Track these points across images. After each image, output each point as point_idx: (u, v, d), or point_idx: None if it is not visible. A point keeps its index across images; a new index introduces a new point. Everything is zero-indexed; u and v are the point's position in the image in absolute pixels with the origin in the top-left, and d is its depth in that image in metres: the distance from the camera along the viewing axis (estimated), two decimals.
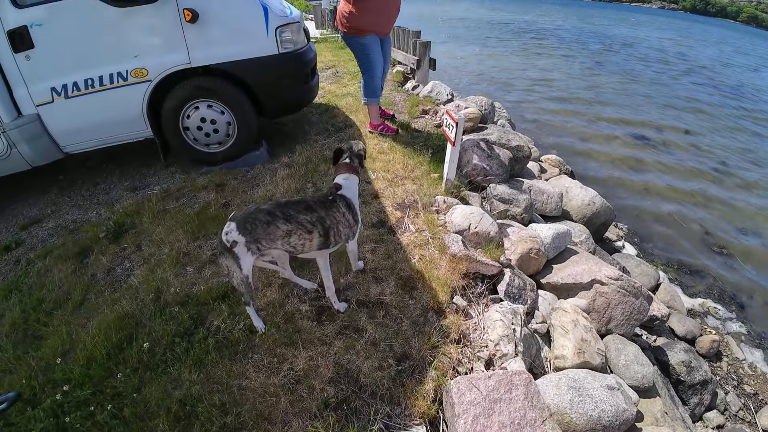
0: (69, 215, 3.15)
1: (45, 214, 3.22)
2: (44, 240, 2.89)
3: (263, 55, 3.06)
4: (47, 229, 3.02)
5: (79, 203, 3.31)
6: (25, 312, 2.19)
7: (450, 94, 4.85)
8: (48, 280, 2.40)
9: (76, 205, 3.29)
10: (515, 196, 3.01)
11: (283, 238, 1.65)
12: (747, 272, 4.36)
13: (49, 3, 2.74)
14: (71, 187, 3.55)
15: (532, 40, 20.91)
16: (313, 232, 1.70)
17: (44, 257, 2.63)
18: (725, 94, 12.11)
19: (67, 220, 3.09)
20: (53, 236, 2.92)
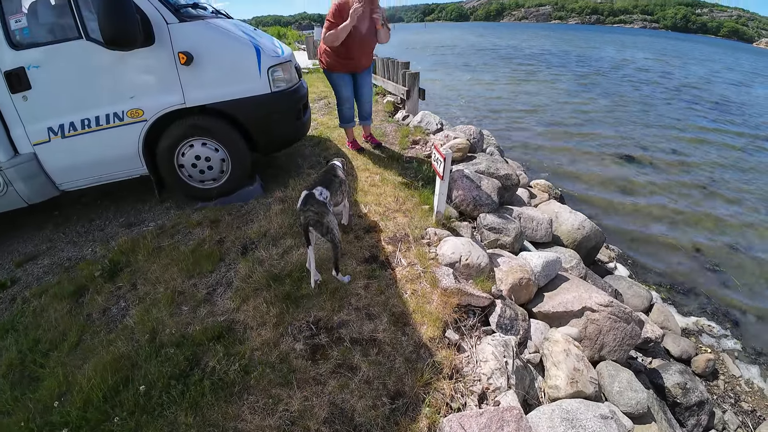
0: (64, 252, 3.17)
1: (40, 250, 3.23)
2: (39, 278, 2.90)
3: (256, 94, 3.15)
4: (42, 266, 3.03)
5: (74, 240, 3.33)
6: (22, 352, 2.19)
7: (439, 123, 4.97)
8: (44, 320, 2.41)
9: (71, 242, 3.30)
10: (505, 225, 3.07)
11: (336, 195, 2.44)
12: (740, 288, 4.40)
13: (46, 45, 2.82)
14: (66, 223, 3.58)
15: (519, 65, 21.53)
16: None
17: (40, 296, 2.64)
18: (710, 111, 12.43)
19: (63, 257, 3.11)
20: (48, 274, 2.92)
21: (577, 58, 26.20)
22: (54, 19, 2.92)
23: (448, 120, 6.38)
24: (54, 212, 3.73)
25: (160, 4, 2.84)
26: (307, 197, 2.20)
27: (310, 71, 10.04)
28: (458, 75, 17.02)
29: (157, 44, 2.86)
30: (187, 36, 2.92)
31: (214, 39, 3.01)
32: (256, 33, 3.51)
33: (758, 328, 3.91)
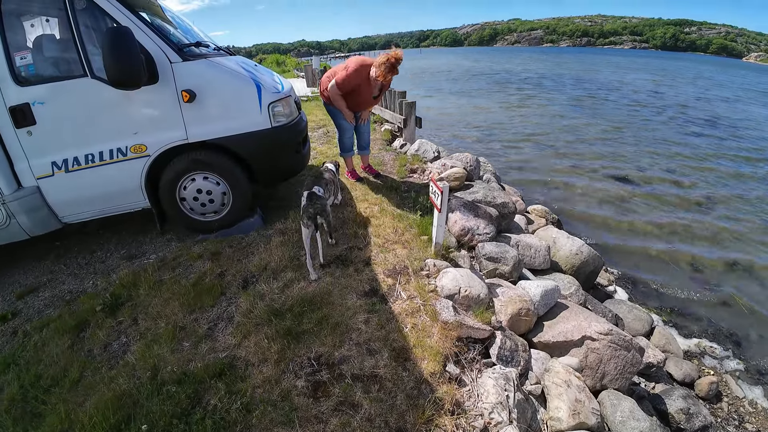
0: (65, 285, 3.18)
1: (41, 282, 3.25)
2: (41, 311, 2.91)
3: (257, 129, 3.23)
4: (44, 299, 3.04)
5: (75, 272, 3.35)
6: (24, 387, 2.19)
7: (436, 151, 5.06)
8: (45, 355, 2.41)
9: (72, 274, 3.32)
10: (503, 255, 3.10)
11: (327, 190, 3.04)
12: (741, 306, 4.39)
13: (51, 82, 2.89)
14: (67, 254, 3.60)
15: (514, 89, 21.97)
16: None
17: (41, 329, 2.64)
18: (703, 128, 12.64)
19: (64, 290, 3.12)
20: (50, 307, 2.93)
21: (569, 80, 26.75)
22: (59, 56, 2.99)
23: (446, 147, 6.49)
24: (55, 243, 3.75)
25: (164, 44, 2.93)
26: (310, 195, 2.86)
27: (309, 99, 10.24)
28: (454, 100, 17.34)
29: (161, 82, 2.94)
30: (190, 74, 3.00)
31: (216, 77, 3.10)
32: (257, 69, 3.62)
33: (760, 346, 3.89)
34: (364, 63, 3.87)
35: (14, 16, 2.87)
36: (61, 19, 2.89)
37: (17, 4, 2.85)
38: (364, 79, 3.87)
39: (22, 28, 2.96)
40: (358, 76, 3.83)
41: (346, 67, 3.86)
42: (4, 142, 2.95)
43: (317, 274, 2.83)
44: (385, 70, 3.71)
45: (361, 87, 3.92)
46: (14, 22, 2.88)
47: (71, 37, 2.82)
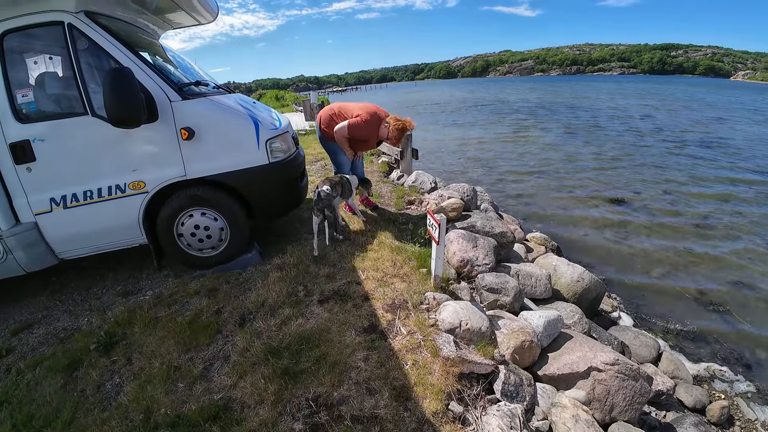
0: (60, 322, 3.12)
1: (36, 318, 3.19)
2: (35, 348, 2.84)
3: (254, 165, 3.26)
4: (38, 336, 2.98)
5: (70, 308, 3.29)
6: (16, 427, 2.10)
7: (433, 182, 5.10)
8: (38, 394, 2.33)
9: (67, 311, 3.26)
10: (504, 285, 3.07)
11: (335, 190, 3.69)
12: (746, 327, 4.32)
13: (52, 120, 2.93)
14: (63, 290, 3.56)
15: (509, 118, 22.43)
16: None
17: (34, 368, 2.58)
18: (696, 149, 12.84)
19: (58, 327, 3.06)
20: (44, 344, 2.87)
21: (563, 108, 27.34)
22: (60, 94, 3.05)
23: (443, 177, 6.55)
24: (52, 278, 3.71)
25: (164, 83, 2.99)
26: (319, 192, 3.56)
27: (307, 132, 10.40)
28: (450, 131, 17.66)
29: (161, 121, 2.98)
30: (190, 113, 3.05)
31: (215, 115, 3.14)
32: (255, 106, 3.69)
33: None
34: (377, 114, 3.98)
35: (17, 54, 2.94)
36: (63, 58, 2.96)
37: (20, 43, 2.91)
38: (373, 129, 3.98)
39: (25, 66, 3.03)
40: (368, 126, 3.94)
41: (359, 114, 3.94)
42: (4, 178, 2.96)
43: (319, 251, 3.55)
44: (398, 135, 3.90)
45: (369, 133, 4.02)
46: (17, 61, 2.94)
47: (73, 75, 2.87)
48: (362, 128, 3.93)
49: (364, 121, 3.90)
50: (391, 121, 3.92)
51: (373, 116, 3.94)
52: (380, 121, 3.97)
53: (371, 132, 4.00)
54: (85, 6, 2.86)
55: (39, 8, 2.78)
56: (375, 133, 4.02)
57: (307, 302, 2.88)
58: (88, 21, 2.83)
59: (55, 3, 2.78)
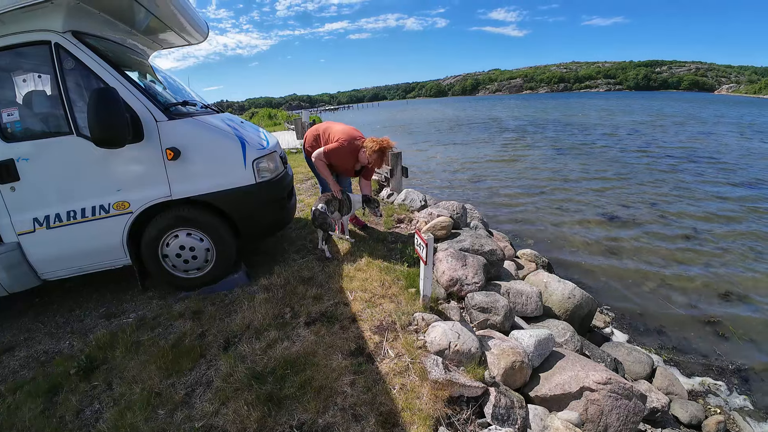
0: (41, 345, 3.03)
1: (18, 341, 3.10)
2: (16, 371, 2.75)
3: (241, 185, 3.22)
4: (19, 359, 2.89)
5: (52, 331, 3.20)
6: None
7: (423, 200, 5.10)
8: (18, 420, 2.24)
9: (49, 333, 3.17)
10: (494, 304, 3.03)
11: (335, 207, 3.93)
12: (739, 340, 4.31)
13: (37, 139, 2.90)
14: (46, 312, 3.46)
15: (499, 135, 22.72)
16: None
17: (14, 392, 2.48)
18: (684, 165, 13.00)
19: (39, 350, 2.97)
20: (25, 368, 2.78)
21: (552, 125, 27.79)
22: (46, 114, 3.02)
23: (433, 195, 6.55)
24: (35, 299, 3.62)
25: (150, 103, 2.97)
26: (315, 211, 3.77)
27: (299, 151, 10.41)
28: (441, 149, 17.80)
29: (146, 141, 2.96)
30: (176, 133, 3.02)
31: (202, 135, 3.12)
32: (242, 126, 3.68)
33: (765, 379, 3.79)
34: (353, 137, 3.98)
35: (4, 73, 2.93)
36: (49, 77, 2.94)
37: (7, 61, 2.91)
38: (351, 155, 3.99)
39: (12, 84, 3.01)
40: (345, 151, 3.96)
41: (338, 139, 3.96)
42: None
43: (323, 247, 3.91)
44: (377, 157, 3.88)
45: (345, 160, 4.04)
46: (3, 79, 2.94)
47: (58, 95, 2.86)
48: (339, 154, 3.96)
49: (341, 147, 3.92)
50: (368, 144, 3.91)
51: (351, 142, 3.95)
52: (356, 141, 3.98)
53: (349, 157, 4.02)
54: (72, 26, 2.86)
55: (26, 28, 2.77)
56: (353, 158, 4.03)
57: (294, 324, 2.82)
58: (75, 41, 2.82)
59: (42, 23, 2.77)
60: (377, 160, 3.92)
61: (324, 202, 3.84)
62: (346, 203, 4.13)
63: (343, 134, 3.98)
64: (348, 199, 4.15)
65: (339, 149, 3.94)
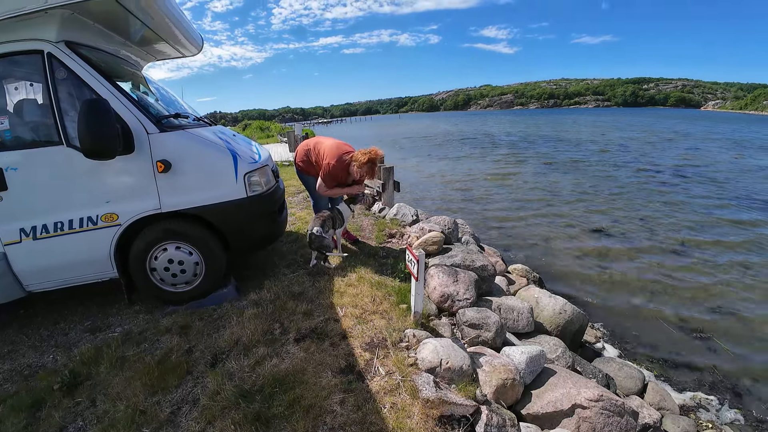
0: (25, 358, 2.95)
1: (2, 353, 3.02)
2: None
3: (232, 199, 3.20)
4: (3, 372, 2.81)
5: (36, 344, 3.12)
6: None
7: (414, 215, 5.10)
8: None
9: (33, 346, 3.09)
10: (485, 321, 3.02)
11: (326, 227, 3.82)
12: (728, 353, 4.34)
13: (27, 149, 2.86)
14: (30, 324, 3.38)
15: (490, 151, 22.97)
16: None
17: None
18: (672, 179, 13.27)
19: (23, 363, 2.89)
20: (8, 381, 2.70)
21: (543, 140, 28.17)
22: (36, 123, 2.99)
23: (424, 209, 6.57)
24: (19, 310, 3.53)
25: (142, 115, 2.95)
26: (311, 234, 3.75)
27: (291, 164, 10.40)
28: (433, 163, 17.93)
29: (137, 153, 2.93)
30: (167, 145, 3.00)
31: (193, 148, 3.11)
32: (234, 139, 3.67)
33: (754, 392, 3.80)
34: (341, 153, 3.99)
35: None
36: (40, 87, 2.91)
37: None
38: (342, 170, 4.01)
39: (3, 93, 2.97)
40: (336, 169, 3.97)
41: (328, 162, 3.96)
42: None
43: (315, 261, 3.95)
44: (368, 169, 3.89)
45: (340, 178, 4.08)
46: None
47: (49, 105, 2.83)
48: (332, 174, 3.99)
49: (332, 168, 3.95)
50: (358, 157, 3.91)
51: (340, 158, 3.96)
52: (345, 154, 3.99)
53: (341, 174, 4.05)
54: (66, 36, 2.85)
55: (18, 36, 2.76)
56: (345, 172, 4.05)
57: (283, 341, 2.78)
58: (68, 51, 2.81)
59: (36, 32, 2.75)
60: (368, 172, 3.93)
61: (319, 224, 3.81)
62: (339, 217, 4.10)
63: (331, 153, 3.98)
64: (339, 213, 4.13)
65: (331, 171, 3.96)
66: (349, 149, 4.08)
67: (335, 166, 3.93)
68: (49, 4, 2.59)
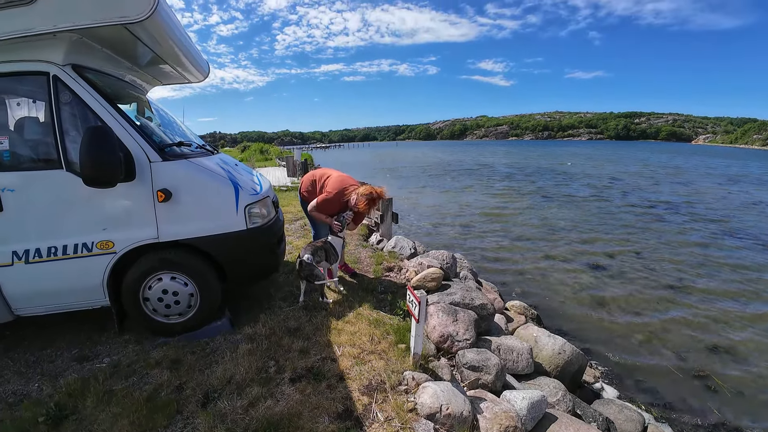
0: (10, 384, 2.83)
1: None
2: None
3: (232, 230, 3.16)
4: None
5: (21, 370, 3.00)
6: None
7: (413, 248, 5.08)
8: None
9: (18, 372, 2.97)
10: (485, 363, 2.95)
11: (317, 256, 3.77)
12: (728, 394, 4.26)
13: (25, 171, 2.84)
14: (16, 347, 3.27)
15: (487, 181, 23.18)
16: None
17: None
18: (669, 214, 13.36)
19: (8, 390, 2.77)
20: None
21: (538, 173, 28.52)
22: (36, 146, 2.96)
23: (422, 241, 6.55)
24: (5, 332, 3.41)
25: (145, 143, 2.93)
26: (301, 262, 3.71)
27: (289, 189, 10.41)
28: (432, 194, 18.00)
29: (138, 181, 2.90)
30: (168, 174, 2.97)
31: (195, 178, 3.08)
32: (236, 169, 3.66)
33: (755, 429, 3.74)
34: (343, 187, 4.05)
35: None
36: (43, 110, 2.91)
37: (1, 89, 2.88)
38: (338, 203, 4.08)
39: (3, 114, 2.95)
40: (332, 200, 4.04)
41: (328, 191, 4.04)
42: None
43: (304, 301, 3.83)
44: (366, 201, 3.92)
45: (333, 210, 4.13)
46: None
47: (51, 128, 2.81)
48: (327, 204, 4.06)
49: (329, 198, 4.03)
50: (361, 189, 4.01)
51: (340, 192, 4.03)
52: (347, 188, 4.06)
53: (336, 207, 4.11)
54: (73, 59, 2.86)
55: (24, 57, 2.76)
56: (340, 206, 4.11)
57: (278, 380, 2.68)
58: (74, 74, 2.81)
59: (42, 53, 2.77)
60: (365, 205, 3.95)
61: (311, 252, 3.78)
62: (332, 251, 4.08)
63: (332, 185, 4.07)
64: (331, 246, 4.08)
65: (327, 200, 4.04)
66: (352, 183, 4.12)
67: (332, 198, 4.00)
68: (58, 27, 2.62)
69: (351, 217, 4.09)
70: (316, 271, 3.74)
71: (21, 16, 2.59)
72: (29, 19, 2.59)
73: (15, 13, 2.58)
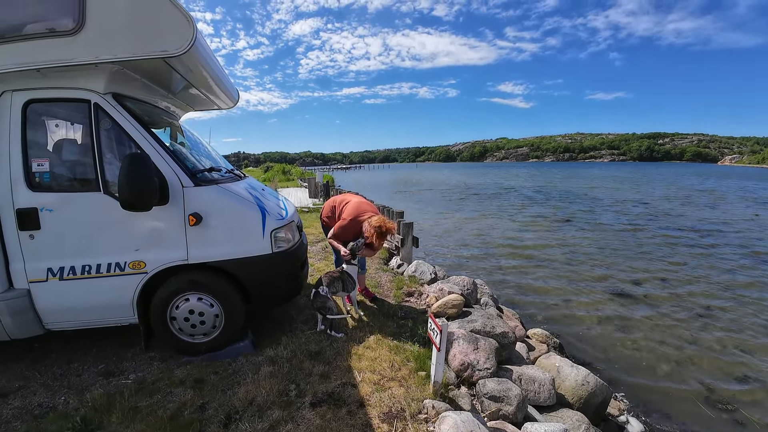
0: (36, 396, 2.93)
1: (13, 388, 3.01)
2: (8, 422, 2.65)
3: (258, 254, 3.26)
4: (13, 408, 2.79)
5: (48, 382, 3.11)
6: None
7: (433, 273, 5.07)
8: None
9: (45, 385, 3.08)
10: (506, 393, 2.91)
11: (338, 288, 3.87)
12: (757, 426, 4.06)
13: (63, 192, 3.00)
14: (44, 360, 3.39)
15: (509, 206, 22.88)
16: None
17: None
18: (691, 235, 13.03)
19: (34, 402, 2.87)
20: (17, 419, 2.67)
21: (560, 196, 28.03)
22: (75, 169, 3.14)
23: (442, 265, 6.52)
24: (34, 343, 3.54)
25: (179, 169, 3.08)
26: (315, 293, 3.70)
27: (310, 210, 10.56)
28: (451, 218, 17.89)
29: (171, 205, 3.04)
30: (200, 199, 3.11)
31: (224, 203, 3.21)
32: (263, 194, 3.78)
33: None
34: (359, 214, 4.12)
35: (38, 124, 3.06)
36: (83, 135, 3.10)
37: (43, 113, 3.06)
38: (354, 230, 4.13)
39: (45, 135, 3.14)
40: (348, 227, 4.11)
41: (344, 218, 4.13)
42: (5, 241, 2.96)
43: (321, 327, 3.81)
44: (375, 234, 3.98)
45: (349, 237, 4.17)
46: (37, 129, 3.06)
47: (91, 152, 2.98)
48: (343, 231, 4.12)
49: (345, 225, 4.10)
50: (373, 220, 4.03)
51: (355, 219, 4.09)
52: (362, 215, 4.11)
53: (351, 233, 4.15)
54: (113, 88, 3.05)
55: (67, 84, 2.96)
56: (355, 232, 4.16)
57: (299, 404, 2.71)
58: (115, 103, 3.00)
59: (85, 82, 2.96)
60: (375, 238, 3.99)
61: (326, 283, 3.78)
62: (349, 280, 4.07)
63: (349, 211, 4.15)
64: (348, 275, 4.08)
65: (342, 227, 4.11)
66: (368, 210, 4.18)
67: (347, 225, 4.07)
68: (99, 59, 2.79)
69: (362, 244, 4.13)
70: (329, 304, 3.71)
71: (64, 46, 2.78)
72: (72, 49, 2.78)
73: (58, 42, 2.78)
